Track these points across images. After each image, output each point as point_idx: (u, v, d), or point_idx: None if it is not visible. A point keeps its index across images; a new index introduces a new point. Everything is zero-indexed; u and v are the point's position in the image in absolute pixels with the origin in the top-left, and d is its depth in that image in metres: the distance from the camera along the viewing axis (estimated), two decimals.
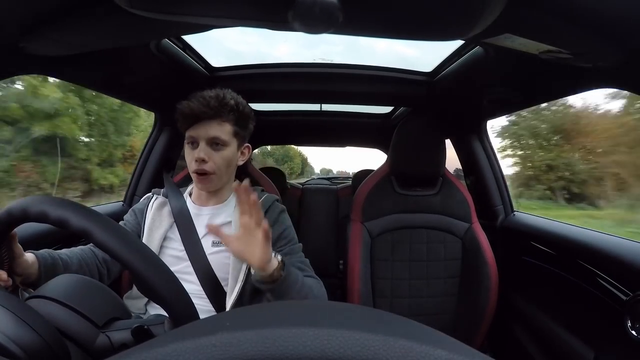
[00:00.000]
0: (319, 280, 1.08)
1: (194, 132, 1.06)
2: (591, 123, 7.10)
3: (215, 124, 1.06)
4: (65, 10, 0.78)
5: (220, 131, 1.07)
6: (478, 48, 1.19)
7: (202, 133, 1.06)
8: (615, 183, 5.88)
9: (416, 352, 0.23)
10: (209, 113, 1.04)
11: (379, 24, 0.69)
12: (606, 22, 0.72)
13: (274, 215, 1.15)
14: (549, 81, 1.20)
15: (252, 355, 0.22)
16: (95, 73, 1.21)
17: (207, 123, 1.05)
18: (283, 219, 1.17)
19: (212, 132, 1.06)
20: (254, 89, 1.68)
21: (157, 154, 1.79)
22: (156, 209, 1.14)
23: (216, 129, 1.06)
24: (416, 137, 1.53)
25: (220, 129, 1.07)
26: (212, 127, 1.06)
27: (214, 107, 1.04)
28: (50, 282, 0.59)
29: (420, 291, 1.53)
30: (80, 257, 0.97)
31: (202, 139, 1.06)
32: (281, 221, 1.15)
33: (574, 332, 1.19)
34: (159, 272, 0.53)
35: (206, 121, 1.05)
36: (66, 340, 0.50)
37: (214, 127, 1.06)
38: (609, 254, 1.09)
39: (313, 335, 0.23)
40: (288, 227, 1.16)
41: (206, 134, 1.06)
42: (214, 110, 1.05)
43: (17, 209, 0.56)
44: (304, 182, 3.74)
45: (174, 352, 0.22)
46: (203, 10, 0.65)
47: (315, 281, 1.05)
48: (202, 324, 0.29)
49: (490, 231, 1.62)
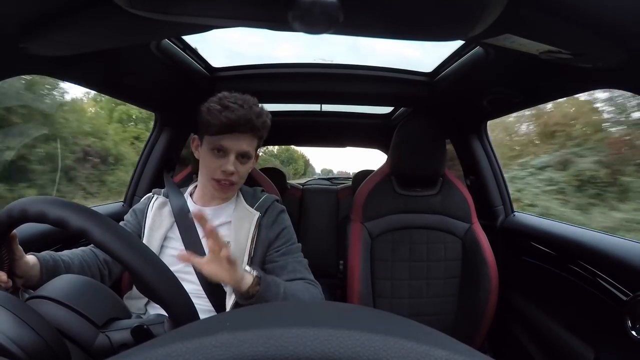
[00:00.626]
0: (315, 283, 1.07)
1: (226, 143, 1.03)
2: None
3: (247, 138, 1.05)
4: (66, 10, 0.78)
5: (251, 146, 1.07)
6: (478, 48, 1.19)
7: (235, 146, 1.04)
8: None
9: (416, 352, 0.23)
10: (247, 127, 1.03)
11: (379, 24, 0.69)
12: (606, 22, 0.72)
13: (273, 215, 1.15)
14: (549, 81, 1.20)
15: (253, 355, 0.22)
16: (96, 73, 1.21)
17: (240, 136, 1.04)
18: (282, 219, 1.17)
19: (244, 147, 1.05)
20: (254, 89, 1.67)
21: (157, 154, 1.79)
22: (157, 208, 1.14)
23: (248, 144, 1.06)
24: (416, 137, 1.53)
25: (250, 143, 1.07)
26: (245, 140, 1.05)
27: (255, 126, 1.03)
28: (49, 282, 0.59)
29: (420, 291, 1.53)
30: (81, 258, 0.97)
31: (234, 151, 1.04)
32: (280, 221, 1.16)
33: (574, 332, 1.19)
34: (158, 272, 0.53)
35: (240, 134, 1.03)
36: (66, 340, 0.50)
37: (247, 141, 1.05)
38: (609, 255, 1.09)
39: (313, 336, 0.23)
40: (287, 227, 1.16)
41: (239, 148, 1.04)
42: (252, 126, 1.03)
43: (17, 209, 0.56)
44: (304, 182, 3.74)
45: (175, 353, 0.22)
46: (203, 10, 0.65)
47: (306, 286, 1.04)
48: (203, 324, 0.29)
49: (490, 231, 1.62)
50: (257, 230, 1.10)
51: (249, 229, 1.10)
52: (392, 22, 0.68)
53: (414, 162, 1.54)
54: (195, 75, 1.52)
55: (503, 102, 1.44)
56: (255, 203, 1.16)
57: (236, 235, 1.09)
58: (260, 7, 0.63)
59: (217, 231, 0.82)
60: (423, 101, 1.75)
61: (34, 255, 0.80)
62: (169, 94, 1.55)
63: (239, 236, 1.09)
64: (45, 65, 1.00)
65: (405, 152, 1.54)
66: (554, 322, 1.28)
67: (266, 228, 1.12)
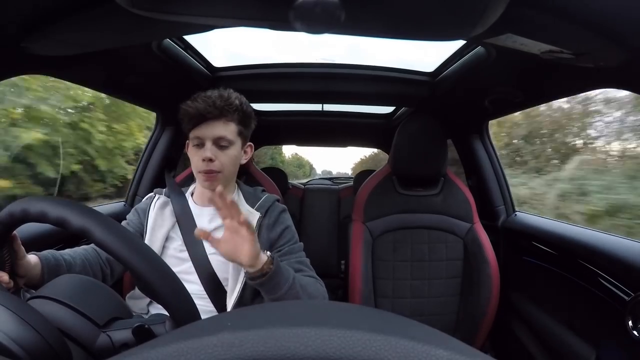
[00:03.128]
0: (319, 280, 1.07)
1: (200, 133, 1.06)
2: None
3: (220, 124, 1.06)
4: (67, 10, 0.78)
5: (226, 130, 1.07)
6: (480, 48, 1.19)
7: (208, 133, 1.06)
8: None
9: (417, 352, 0.23)
10: (214, 113, 1.04)
11: (381, 23, 0.69)
12: (608, 22, 0.72)
13: (274, 215, 1.15)
14: (550, 81, 1.20)
15: (254, 355, 0.22)
16: (97, 73, 1.21)
17: (212, 123, 1.05)
18: (283, 219, 1.17)
19: (217, 132, 1.06)
20: (256, 89, 1.68)
21: (158, 153, 1.79)
22: (158, 208, 1.14)
23: (222, 129, 1.06)
24: (418, 137, 1.52)
25: (225, 128, 1.07)
26: (218, 126, 1.06)
27: (219, 107, 1.04)
28: (51, 282, 0.59)
29: (421, 291, 1.53)
30: (83, 257, 0.96)
31: (208, 138, 1.06)
32: (281, 221, 1.15)
33: (576, 332, 1.19)
34: (159, 272, 0.53)
35: (211, 121, 1.05)
36: (67, 340, 0.50)
37: (220, 126, 1.06)
38: (610, 254, 1.09)
39: (314, 335, 0.23)
40: (288, 226, 1.16)
41: (212, 134, 1.06)
42: (219, 110, 1.04)
43: (18, 209, 0.56)
44: (306, 182, 3.75)
45: (176, 352, 0.22)
46: (204, 10, 0.65)
47: (312, 280, 1.05)
48: (204, 323, 0.29)
49: (491, 231, 1.62)
50: (257, 232, 1.10)
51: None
52: (393, 22, 0.68)
53: (415, 162, 1.54)
54: (197, 75, 1.52)
55: (504, 102, 1.44)
56: (256, 203, 1.16)
57: None
58: (262, 7, 0.63)
59: (237, 207, 0.83)
60: (424, 101, 1.75)
61: (36, 255, 0.80)
62: (170, 93, 1.56)
63: None
64: (46, 65, 1.00)
65: (407, 152, 1.54)
66: (555, 321, 1.28)
67: (267, 229, 1.12)
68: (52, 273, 0.80)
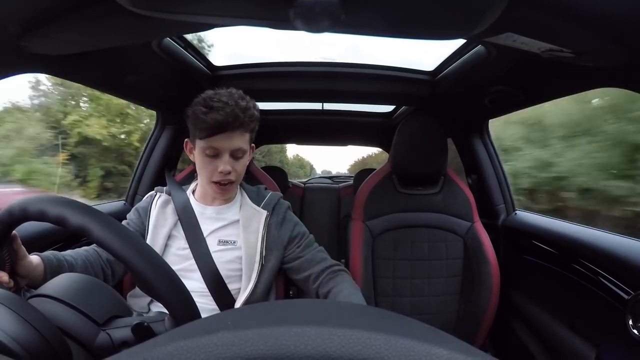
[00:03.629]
0: (341, 266, 1.15)
1: (217, 144, 1.03)
2: None
3: (238, 135, 1.04)
4: (67, 9, 0.78)
5: (243, 142, 1.06)
6: (480, 47, 1.19)
7: (226, 145, 1.03)
8: None
9: (417, 351, 0.23)
10: (235, 124, 1.01)
11: (381, 22, 0.69)
12: (609, 21, 0.72)
13: (281, 212, 1.16)
14: (551, 80, 1.19)
15: (254, 354, 0.22)
16: (97, 72, 1.21)
17: (230, 134, 1.02)
18: (290, 216, 1.19)
19: (236, 144, 1.04)
20: (256, 88, 1.68)
21: (158, 152, 1.80)
22: (160, 206, 1.15)
23: (239, 140, 1.04)
24: (418, 136, 1.52)
25: (242, 139, 1.05)
26: (236, 138, 1.04)
27: (241, 120, 1.01)
28: (50, 280, 0.59)
29: (421, 290, 1.53)
30: (85, 258, 0.96)
31: (226, 150, 1.03)
32: (289, 218, 1.18)
33: (576, 330, 1.19)
34: (159, 270, 0.53)
35: (230, 132, 1.02)
36: (67, 338, 0.50)
37: (238, 138, 1.04)
38: (611, 253, 1.09)
39: (315, 334, 0.23)
40: (297, 223, 1.19)
41: (230, 146, 1.03)
42: (240, 123, 1.02)
43: (17, 208, 0.56)
44: (306, 180, 3.74)
45: (176, 351, 0.22)
46: (205, 9, 0.65)
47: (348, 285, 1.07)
48: (204, 322, 0.29)
49: (491, 230, 1.61)
50: (266, 230, 1.11)
51: (258, 228, 1.10)
52: (393, 21, 0.68)
53: (415, 161, 1.53)
54: (197, 74, 1.52)
55: (505, 101, 1.44)
56: (261, 201, 1.17)
57: (245, 236, 1.10)
58: (262, 6, 0.63)
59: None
60: (424, 100, 1.75)
61: (38, 256, 0.79)
62: (170, 92, 1.55)
63: (248, 237, 1.10)
64: (46, 63, 1.00)
65: (407, 151, 1.54)
66: (556, 320, 1.28)
67: (276, 228, 1.13)
68: (54, 273, 0.79)
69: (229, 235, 1.12)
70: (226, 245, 1.10)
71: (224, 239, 1.10)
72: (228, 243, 1.10)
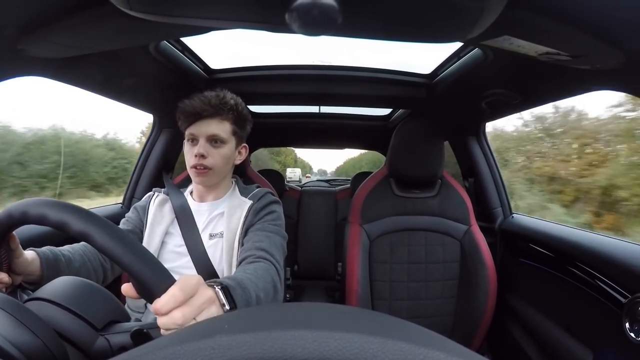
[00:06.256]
0: (274, 262, 0.97)
1: (195, 130, 1.09)
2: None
3: (215, 122, 1.10)
4: (64, 12, 0.78)
5: (220, 129, 1.10)
6: (477, 50, 1.20)
7: (202, 130, 1.09)
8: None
9: (414, 354, 0.23)
10: (210, 111, 1.08)
11: (378, 25, 0.69)
12: (605, 24, 0.73)
13: (264, 202, 1.16)
14: (547, 83, 1.20)
15: (251, 357, 0.22)
16: (94, 75, 1.21)
17: (207, 121, 1.09)
18: (273, 207, 1.16)
19: (211, 130, 1.09)
20: (253, 91, 1.69)
21: (155, 155, 1.79)
22: (158, 205, 1.17)
23: (216, 127, 1.10)
24: (415, 139, 1.53)
25: (219, 126, 1.10)
26: (212, 124, 1.09)
27: (214, 105, 1.08)
28: (49, 284, 0.59)
29: (418, 293, 1.53)
30: (82, 253, 0.95)
31: (202, 136, 1.09)
32: (270, 208, 1.15)
33: (573, 334, 1.19)
34: (161, 279, 0.53)
35: (206, 119, 1.09)
36: (65, 343, 0.50)
37: (214, 124, 1.10)
38: (607, 256, 1.09)
39: (312, 338, 0.23)
40: (275, 212, 1.15)
41: (206, 131, 1.09)
42: (215, 108, 1.08)
43: (17, 211, 0.55)
44: (303, 184, 3.75)
45: (173, 355, 0.22)
46: (201, 12, 0.65)
47: (264, 269, 0.92)
48: (201, 326, 0.29)
49: (488, 233, 1.62)
50: (247, 216, 1.11)
51: (240, 215, 1.11)
52: (390, 24, 0.69)
53: (412, 164, 1.54)
54: (194, 77, 1.52)
55: (502, 104, 1.44)
56: (249, 194, 1.18)
57: (228, 224, 1.11)
58: (259, 9, 0.64)
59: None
60: (421, 103, 1.75)
61: (34, 251, 0.78)
62: (167, 95, 1.55)
63: (231, 224, 1.10)
64: (43, 67, 1.00)
65: (404, 154, 1.54)
66: (553, 323, 1.28)
67: (254, 213, 1.12)
68: (51, 268, 0.78)
69: (217, 227, 1.13)
70: (215, 239, 1.11)
71: (213, 233, 1.12)
72: (216, 236, 1.11)
